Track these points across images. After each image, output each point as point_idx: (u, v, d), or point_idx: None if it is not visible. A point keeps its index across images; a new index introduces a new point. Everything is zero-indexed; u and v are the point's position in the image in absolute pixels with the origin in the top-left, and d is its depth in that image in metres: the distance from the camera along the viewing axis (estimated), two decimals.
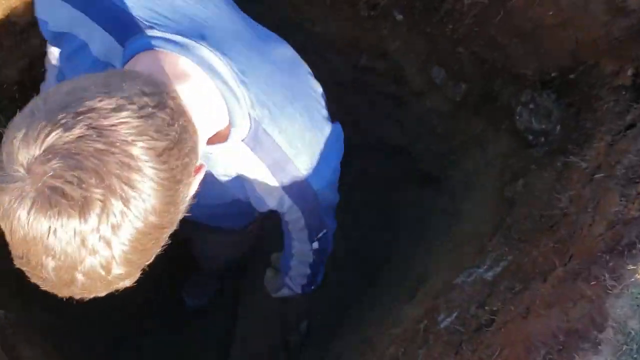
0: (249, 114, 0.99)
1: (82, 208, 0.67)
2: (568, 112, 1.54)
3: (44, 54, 1.37)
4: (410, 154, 2.32)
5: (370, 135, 2.41)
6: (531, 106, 1.59)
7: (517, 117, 1.62)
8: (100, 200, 0.68)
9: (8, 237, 0.71)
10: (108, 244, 0.70)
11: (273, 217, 1.36)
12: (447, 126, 1.98)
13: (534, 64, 1.57)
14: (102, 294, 0.76)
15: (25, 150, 0.68)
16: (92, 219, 0.68)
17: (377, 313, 2.17)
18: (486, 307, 1.29)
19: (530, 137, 1.61)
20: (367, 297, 2.46)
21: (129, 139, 0.70)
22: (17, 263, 0.73)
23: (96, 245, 0.69)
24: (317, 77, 1.13)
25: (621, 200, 1.09)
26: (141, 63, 0.93)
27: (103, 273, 0.71)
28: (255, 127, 1.01)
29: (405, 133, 2.23)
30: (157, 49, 0.93)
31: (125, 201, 0.69)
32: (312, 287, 1.64)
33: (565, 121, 1.53)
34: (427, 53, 1.77)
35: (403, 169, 2.46)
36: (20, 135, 0.69)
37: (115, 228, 0.69)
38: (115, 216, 0.69)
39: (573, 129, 1.50)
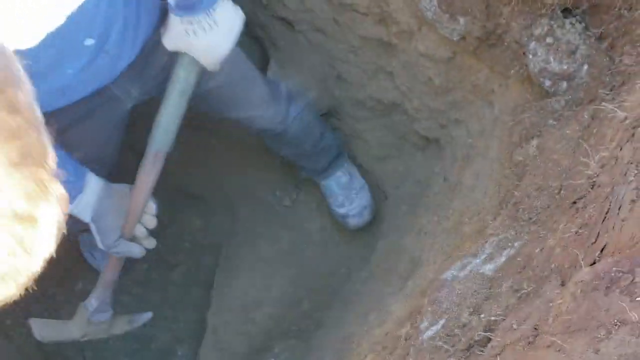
0: None
1: None
2: (599, 47, 1.15)
3: None
4: (405, 112, 1.93)
5: (359, 91, 2.03)
6: (549, 40, 1.19)
7: (531, 57, 1.23)
8: None
9: None
10: None
11: None
12: (445, 76, 1.60)
13: None
14: None
15: None
16: None
17: (364, 302, 1.82)
18: (482, 315, 0.93)
19: (548, 83, 1.22)
20: (358, 282, 2.11)
21: None
22: None
23: None
24: None
25: None
26: None
27: None
28: None
29: (398, 87, 1.85)
30: None
31: None
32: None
33: (595, 59, 1.14)
34: None
35: (398, 130, 2.09)
36: None
37: None
38: None
39: (605, 68, 1.11)
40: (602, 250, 0.72)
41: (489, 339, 0.82)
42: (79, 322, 1.70)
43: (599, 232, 0.75)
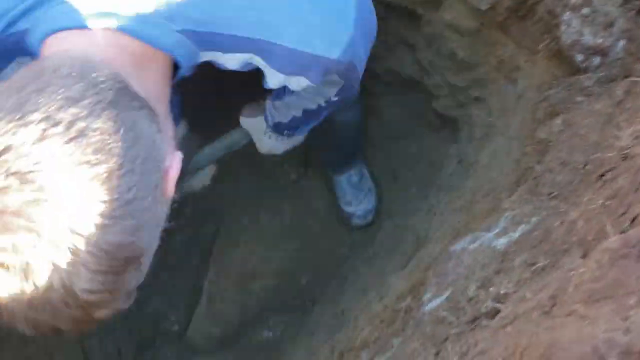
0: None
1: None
2: (639, 21, 1.07)
3: None
4: (424, 89, 1.87)
5: (378, 65, 1.96)
6: (585, 11, 1.12)
7: (564, 28, 1.16)
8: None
9: None
10: None
11: None
12: (469, 49, 1.53)
13: None
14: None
15: None
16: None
17: (364, 279, 1.77)
18: (491, 289, 0.87)
19: (580, 58, 1.15)
20: (359, 261, 2.05)
21: (61, 176, 0.58)
22: None
23: None
24: None
25: None
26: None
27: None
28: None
29: (419, 61, 1.78)
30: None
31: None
32: (286, 131, 1.48)
33: (634, 33, 1.07)
34: None
35: (414, 109, 2.02)
36: None
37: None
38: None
39: None
40: (633, 221, 0.66)
41: (498, 310, 0.76)
42: None
43: (630, 202, 0.69)
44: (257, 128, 1.57)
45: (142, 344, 2.21)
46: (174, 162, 0.72)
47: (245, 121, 1.60)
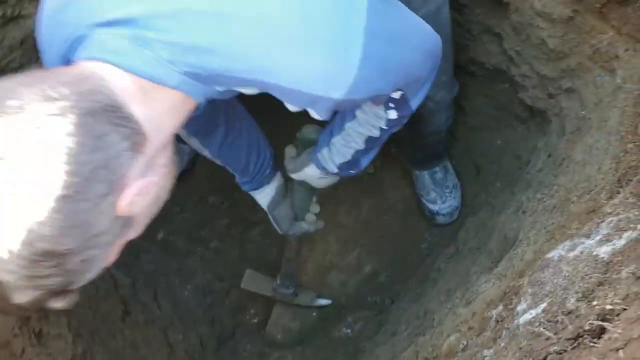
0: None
1: None
2: None
3: None
4: (511, 79, 1.78)
5: (461, 54, 1.88)
6: None
7: None
8: None
9: None
10: None
11: None
12: (560, 37, 1.43)
13: None
14: None
15: None
16: None
17: (447, 279, 1.71)
18: (595, 303, 0.80)
19: None
20: (440, 258, 1.99)
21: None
22: None
23: None
24: None
25: None
26: None
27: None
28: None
29: (505, 50, 1.69)
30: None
31: None
32: (353, 171, 1.47)
33: None
34: None
35: (499, 100, 1.93)
36: None
37: None
38: None
39: None
40: None
41: (604, 329, 0.70)
42: (270, 287, 2.13)
43: None
44: (310, 177, 1.60)
45: (222, 335, 2.24)
46: (142, 185, 0.77)
47: (298, 176, 1.63)
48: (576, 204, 1.20)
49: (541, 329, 0.83)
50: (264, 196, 1.77)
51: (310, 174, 1.58)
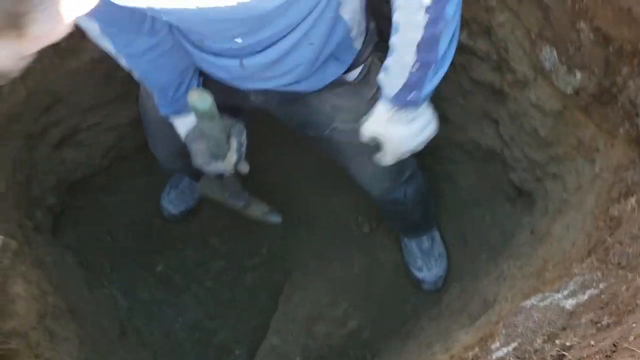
0: None
1: None
2: None
3: None
4: (503, 161, 1.97)
5: (460, 134, 2.09)
6: None
7: None
8: None
9: None
10: None
11: None
12: (551, 129, 1.63)
13: None
14: None
15: None
16: None
17: (429, 335, 1.84)
18: (557, 341, 0.95)
19: None
20: (424, 319, 2.13)
21: None
22: None
23: None
24: None
25: None
26: None
27: None
28: None
29: (501, 135, 1.89)
30: None
31: None
32: (419, 95, 1.28)
33: None
34: (539, 28, 1.45)
35: (491, 179, 2.12)
36: None
37: None
38: None
39: None
40: None
41: (563, 355, 0.85)
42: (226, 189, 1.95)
43: None
44: (382, 122, 1.37)
45: None
46: None
47: (368, 123, 1.41)
48: (550, 272, 1.36)
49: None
50: (183, 125, 1.59)
51: (381, 113, 1.36)
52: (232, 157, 1.59)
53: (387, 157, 1.46)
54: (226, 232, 2.53)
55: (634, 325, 0.73)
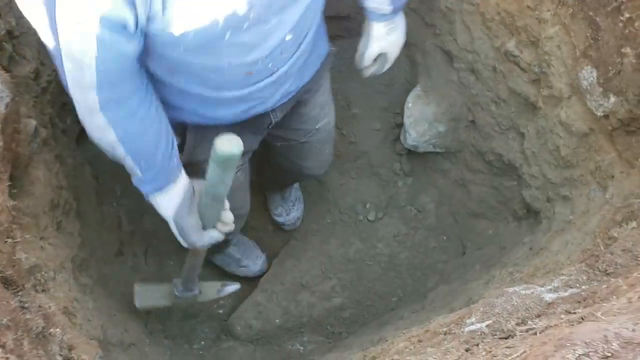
0: None
1: None
2: None
3: None
4: (519, 177, 2.01)
5: (484, 142, 2.13)
6: None
7: None
8: None
9: None
10: None
11: None
12: (573, 149, 1.67)
13: None
14: None
15: None
16: None
17: (405, 322, 1.89)
18: (527, 326, 1.00)
19: None
20: (406, 310, 2.17)
21: None
22: None
23: None
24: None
25: None
26: None
27: None
28: None
29: (524, 149, 1.93)
30: None
31: None
32: None
33: None
34: (585, 47, 1.48)
35: (504, 195, 2.16)
36: None
37: None
38: None
39: None
40: None
41: (532, 328, 0.89)
42: (169, 295, 1.89)
43: None
44: (382, 38, 1.62)
45: (187, 316, 2.38)
46: None
47: (371, 44, 1.64)
48: (539, 278, 1.40)
49: (482, 332, 1.02)
50: (169, 200, 1.38)
51: (380, 31, 1.61)
52: (227, 215, 1.43)
53: (389, 63, 1.72)
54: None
55: (604, 304, 0.77)
